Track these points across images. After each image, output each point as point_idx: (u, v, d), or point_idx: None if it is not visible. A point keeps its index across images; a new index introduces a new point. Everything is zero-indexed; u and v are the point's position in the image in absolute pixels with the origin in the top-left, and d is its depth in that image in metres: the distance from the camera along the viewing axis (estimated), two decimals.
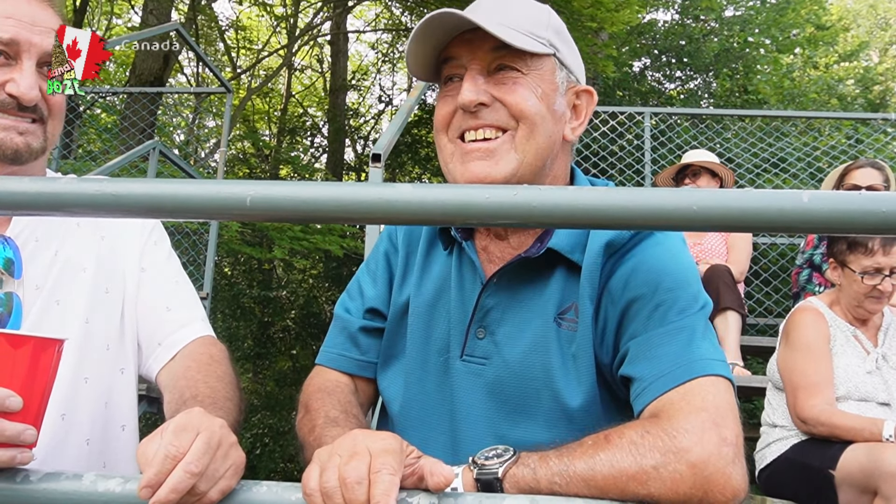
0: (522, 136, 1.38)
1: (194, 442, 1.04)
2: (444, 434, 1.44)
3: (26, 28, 1.44)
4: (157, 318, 1.63)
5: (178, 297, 1.68)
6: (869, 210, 0.97)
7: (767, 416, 3.25)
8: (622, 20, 10.98)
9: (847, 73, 17.02)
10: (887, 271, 3.03)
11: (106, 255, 1.62)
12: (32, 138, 1.48)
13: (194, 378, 1.51)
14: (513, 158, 1.37)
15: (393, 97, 18.42)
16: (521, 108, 1.38)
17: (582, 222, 1.02)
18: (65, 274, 1.54)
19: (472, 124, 1.39)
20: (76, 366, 1.50)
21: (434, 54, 1.44)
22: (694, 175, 4.94)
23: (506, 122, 1.38)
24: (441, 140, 1.46)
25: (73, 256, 1.57)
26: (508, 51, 1.37)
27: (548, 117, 1.41)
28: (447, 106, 1.44)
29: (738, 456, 1.12)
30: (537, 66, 1.41)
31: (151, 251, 1.69)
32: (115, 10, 15.84)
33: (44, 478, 1.08)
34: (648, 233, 1.39)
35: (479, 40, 1.38)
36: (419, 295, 1.55)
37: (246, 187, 1.02)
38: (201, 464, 1.02)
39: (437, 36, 1.40)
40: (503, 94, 1.38)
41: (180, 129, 12.97)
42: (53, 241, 1.55)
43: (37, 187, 1.04)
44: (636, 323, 1.31)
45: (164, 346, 1.61)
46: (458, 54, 1.41)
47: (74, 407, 1.49)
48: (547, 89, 1.42)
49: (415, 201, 1.01)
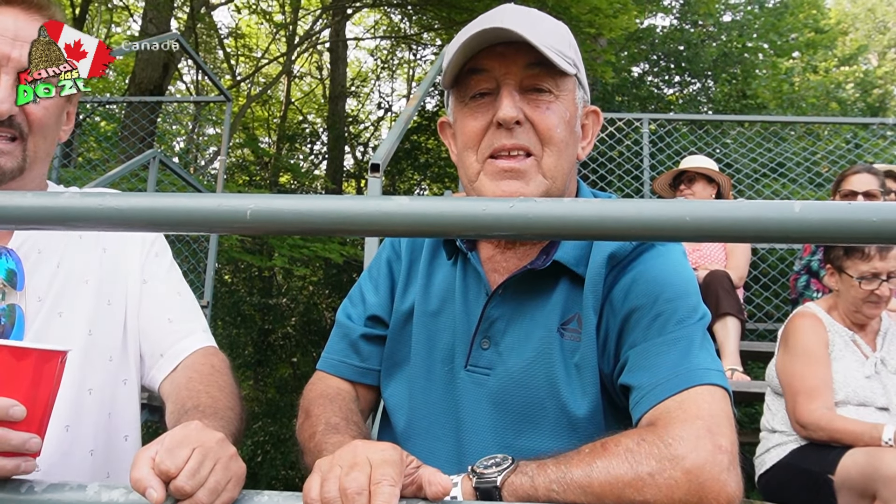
0: (549, 161, 1.39)
1: (189, 459, 1.05)
2: (450, 444, 1.45)
3: (6, 43, 1.44)
4: (159, 329, 1.64)
5: (179, 308, 1.68)
6: (859, 220, 0.99)
7: (767, 421, 3.26)
8: (620, 26, 11.02)
9: (846, 76, 17.06)
10: (884, 276, 3.04)
11: (108, 267, 1.62)
12: (7, 159, 1.45)
13: (196, 388, 1.52)
14: (541, 182, 1.38)
15: (392, 104, 18.49)
16: (551, 134, 1.38)
17: (576, 234, 1.04)
18: (67, 286, 1.55)
19: (509, 144, 1.37)
20: (80, 377, 1.51)
21: (462, 63, 1.41)
22: (690, 181, 4.93)
23: (534, 145, 1.38)
24: (468, 158, 1.43)
25: (76, 268, 1.57)
26: (542, 69, 1.38)
27: (570, 141, 1.43)
28: (478, 121, 1.41)
29: (732, 463, 1.13)
30: (565, 87, 1.42)
31: (153, 263, 1.70)
32: (115, 18, 15.90)
33: (48, 489, 1.10)
34: (650, 245, 1.40)
35: (513, 55, 1.37)
36: (423, 303, 1.56)
37: (246, 201, 1.04)
38: (195, 481, 1.04)
39: (470, 45, 1.38)
40: (536, 116, 1.38)
41: (180, 137, 13.00)
42: (55, 253, 1.56)
43: (40, 202, 1.06)
44: (636, 332, 1.33)
45: (166, 358, 1.62)
46: (489, 66, 1.39)
47: (78, 418, 1.50)
48: (571, 112, 1.43)
49: (413, 214, 1.02)
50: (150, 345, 1.64)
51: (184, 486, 1.02)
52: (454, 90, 1.48)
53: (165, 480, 1.02)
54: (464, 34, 1.38)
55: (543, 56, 1.34)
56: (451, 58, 1.40)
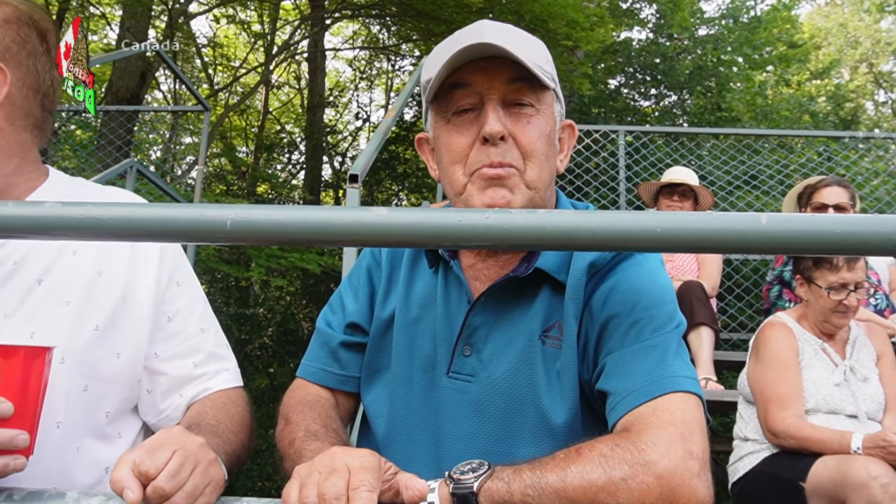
0: (532, 174, 1.40)
1: (169, 461, 1.06)
2: (428, 450, 1.46)
3: None
4: (182, 371, 1.57)
5: (202, 349, 1.61)
6: (825, 231, 1.02)
7: (739, 429, 3.30)
8: (597, 39, 11.13)
9: (818, 90, 17.31)
10: (852, 286, 3.10)
11: (101, 293, 1.48)
12: None
13: (203, 411, 1.51)
14: (525, 192, 1.40)
15: (370, 114, 18.50)
16: (532, 148, 1.40)
17: (551, 244, 1.06)
18: (44, 306, 1.42)
19: (496, 160, 1.37)
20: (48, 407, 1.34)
21: (444, 77, 1.41)
22: (683, 195, 4.98)
23: (516, 160, 1.39)
24: (455, 172, 1.43)
25: (59, 288, 1.44)
26: (523, 84, 1.40)
27: (550, 154, 1.45)
28: (464, 137, 1.42)
29: (703, 469, 1.15)
30: (545, 101, 1.44)
31: (175, 297, 1.59)
32: (92, 26, 15.79)
33: (27, 496, 1.10)
34: (629, 254, 1.43)
35: (496, 69, 1.38)
36: (404, 311, 1.58)
37: (226, 211, 1.05)
38: (174, 482, 1.04)
39: (454, 61, 1.38)
40: (518, 130, 1.40)
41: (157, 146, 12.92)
42: (34, 267, 1.43)
43: (20, 211, 1.06)
44: (613, 339, 1.35)
45: (184, 397, 1.57)
46: (472, 81, 1.40)
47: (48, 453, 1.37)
48: (551, 126, 1.46)
49: (391, 224, 1.04)
50: (171, 381, 1.57)
51: (163, 487, 1.03)
52: (434, 105, 1.48)
53: (144, 482, 1.03)
54: (446, 49, 1.39)
55: (526, 70, 1.36)
56: (435, 73, 1.41)
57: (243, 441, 1.49)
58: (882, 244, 1.01)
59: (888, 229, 1.01)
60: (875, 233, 1.01)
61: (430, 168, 1.57)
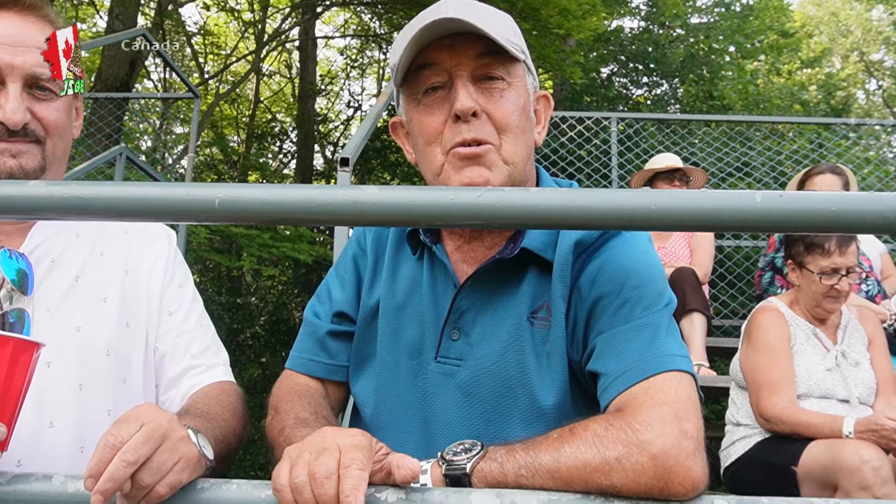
0: (508, 148, 1.39)
1: (136, 433, 1.05)
2: (417, 436, 1.46)
3: (7, 51, 1.42)
4: (181, 361, 1.64)
5: (201, 342, 1.68)
6: (818, 209, 1.02)
7: (731, 414, 3.31)
8: (589, 27, 11.09)
9: (810, 79, 17.34)
10: (844, 271, 3.10)
11: (129, 289, 1.60)
12: (27, 159, 1.45)
13: (195, 400, 1.52)
14: (503, 167, 1.39)
15: (362, 102, 18.41)
16: (507, 122, 1.39)
17: (545, 223, 1.05)
18: (84, 302, 1.52)
19: (469, 137, 1.36)
20: (95, 397, 1.48)
21: (411, 59, 1.41)
22: (678, 179, 5.00)
23: (491, 135, 1.38)
24: (433, 152, 1.42)
25: (96, 285, 1.55)
26: (493, 58, 1.38)
27: (526, 127, 1.44)
28: (435, 117, 1.41)
29: (698, 449, 1.14)
30: (516, 74, 1.43)
31: (176, 294, 1.68)
32: (80, 14, 15.66)
33: (13, 479, 1.09)
34: (616, 232, 1.42)
35: (462, 45, 1.37)
36: (389, 298, 1.56)
37: (214, 190, 1.04)
38: (138, 453, 1.03)
39: (419, 40, 1.37)
40: (491, 105, 1.38)
41: (147, 135, 12.84)
42: (70, 266, 1.53)
43: (5, 191, 1.05)
44: (603, 319, 1.34)
45: (181, 389, 1.62)
46: (439, 60, 1.39)
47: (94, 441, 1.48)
48: (525, 98, 1.44)
49: (381, 203, 1.03)
50: (169, 374, 1.63)
51: (128, 459, 1.01)
52: (404, 88, 1.47)
53: (110, 457, 1.02)
54: (410, 30, 1.37)
55: (493, 44, 1.35)
56: (401, 54, 1.39)
57: (235, 429, 1.49)
58: (878, 222, 1.01)
59: (883, 207, 1.00)
60: (871, 210, 1.00)
61: (407, 152, 1.56)
